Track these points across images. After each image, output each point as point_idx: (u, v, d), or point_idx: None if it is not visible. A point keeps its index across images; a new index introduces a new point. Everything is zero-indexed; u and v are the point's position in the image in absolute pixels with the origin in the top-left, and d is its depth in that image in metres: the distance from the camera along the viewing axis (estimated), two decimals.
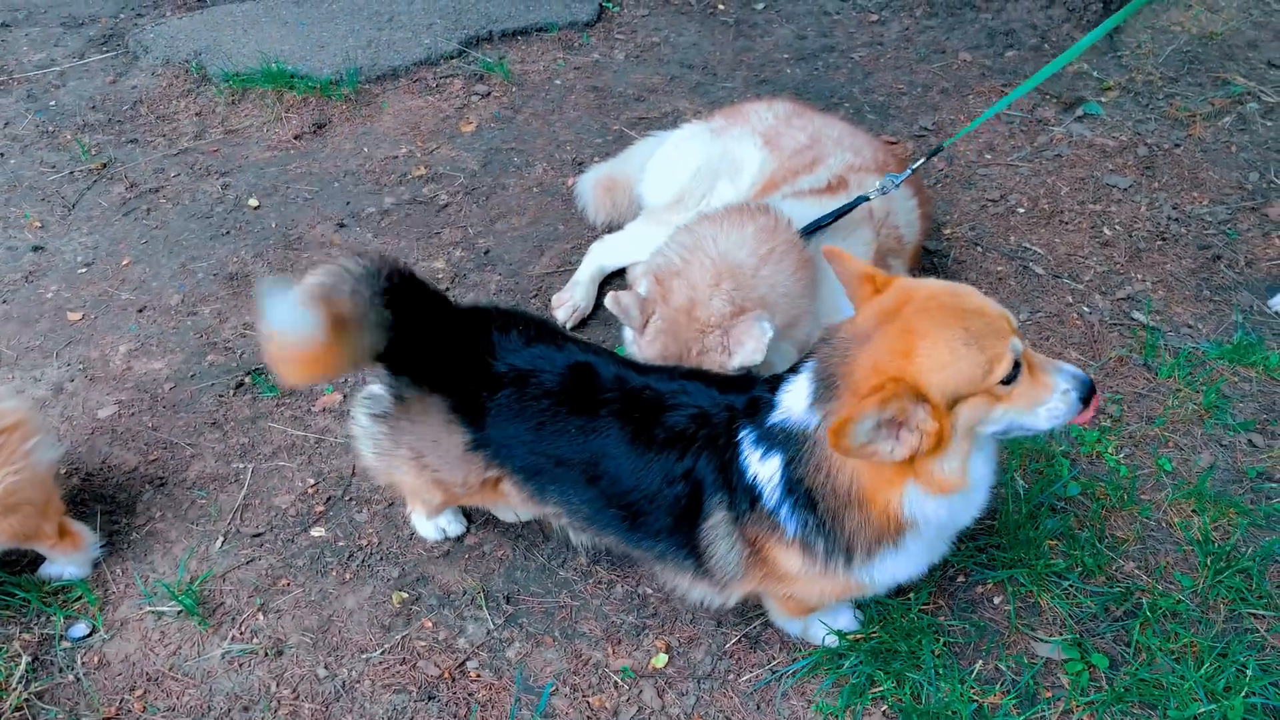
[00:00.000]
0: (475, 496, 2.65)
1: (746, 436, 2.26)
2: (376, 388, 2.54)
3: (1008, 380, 2.00)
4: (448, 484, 2.58)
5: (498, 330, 2.44)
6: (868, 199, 3.22)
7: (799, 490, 2.18)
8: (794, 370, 2.23)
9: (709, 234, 2.99)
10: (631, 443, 2.34)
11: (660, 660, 2.74)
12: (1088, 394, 2.10)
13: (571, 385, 2.40)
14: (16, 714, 2.57)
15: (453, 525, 3.04)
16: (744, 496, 2.27)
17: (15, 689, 2.61)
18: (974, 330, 1.97)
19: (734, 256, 2.91)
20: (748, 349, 2.77)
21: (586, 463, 2.39)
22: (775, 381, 2.27)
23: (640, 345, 3.00)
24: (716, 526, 2.33)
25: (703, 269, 2.91)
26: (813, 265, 3.02)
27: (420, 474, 2.58)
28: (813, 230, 3.10)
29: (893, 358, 1.98)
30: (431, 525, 3.03)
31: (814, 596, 2.43)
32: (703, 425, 2.32)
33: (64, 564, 2.89)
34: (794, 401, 2.17)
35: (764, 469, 2.22)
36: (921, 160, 3.50)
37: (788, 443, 2.17)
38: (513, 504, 2.66)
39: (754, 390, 2.32)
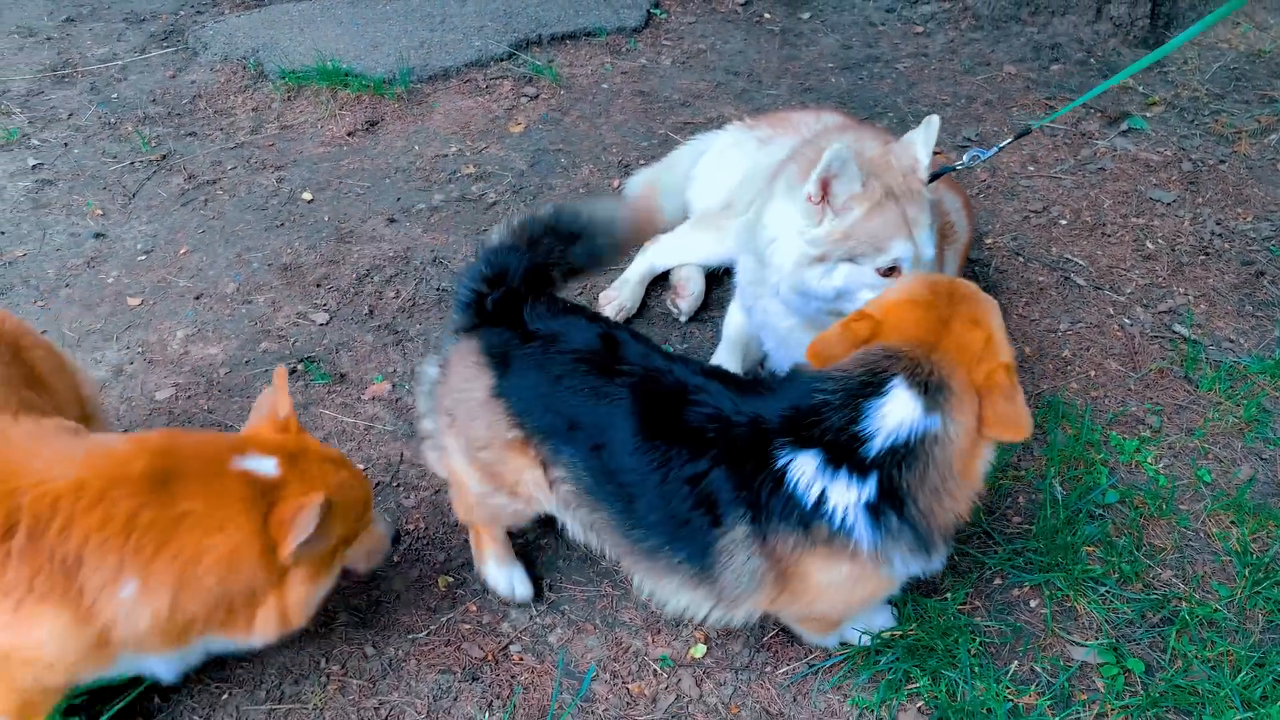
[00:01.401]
0: (506, 467, 2.50)
1: (799, 461, 2.23)
2: (429, 370, 2.63)
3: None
4: (475, 446, 2.50)
5: (530, 301, 2.50)
6: (954, 169, 3.30)
7: (894, 501, 2.21)
8: (865, 393, 2.22)
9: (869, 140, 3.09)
10: (642, 421, 2.32)
11: (699, 650, 2.79)
12: None
13: (595, 350, 2.42)
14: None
15: (521, 586, 2.89)
16: (786, 518, 2.24)
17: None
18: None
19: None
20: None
21: (594, 426, 2.36)
22: (831, 399, 2.24)
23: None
24: (734, 540, 2.28)
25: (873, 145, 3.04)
26: None
27: (457, 441, 2.53)
28: None
29: (980, 346, 2.23)
30: (504, 575, 2.89)
31: (844, 607, 2.44)
32: (722, 432, 2.30)
33: None
34: (899, 416, 2.18)
35: (844, 495, 2.20)
36: (1009, 140, 3.52)
37: (892, 459, 2.20)
38: (536, 474, 2.50)
39: (786, 405, 2.29)
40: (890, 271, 2.81)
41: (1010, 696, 2.62)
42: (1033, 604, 2.87)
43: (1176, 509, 3.11)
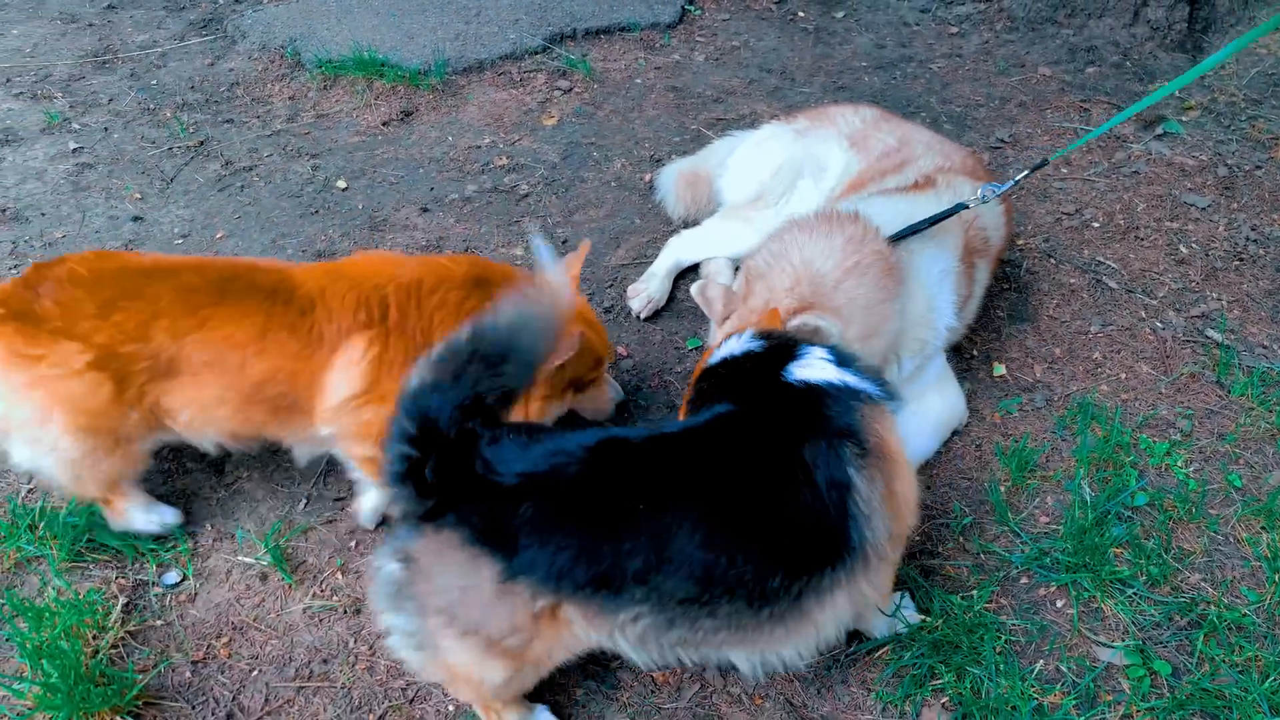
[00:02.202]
0: (539, 641, 2.17)
1: (799, 368, 2.31)
2: (388, 567, 2.14)
3: None
4: (496, 639, 2.13)
5: (486, 443, 2.07)
6: (966, 206, 3.26)
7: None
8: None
9: (796, 241, 3.05)
10: (703, 489, 2.12)
11: None
12: None
13: (603, 465, 2.12)
14: (113, 650, 2.72)
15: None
16: (848, 411, 2.25)
17: (113, 628, 2.75)
18: None
19: (817, 266, 2.94)
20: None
21: (652, 540, 2.06)
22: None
23: (717, 337, 3.08)
24: (863, 479, 2.20)
25: (783, 274, 2.96)
26: (899, 273, 3.06)
27: (464, 642, 2.14)
28: (906, 234, 3.14)
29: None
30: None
31: (914, 493, 2.42)
32: (799, 431, 2.21)
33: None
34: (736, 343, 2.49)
35: (824, 366, 2.33)
36: (1026, 173, 3.53)
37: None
38: (578, 632, 2.19)
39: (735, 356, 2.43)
40: None
41: (1035, 695, 2.62)
42: (1059, 604, 2.87)
43: (1206, 513, 3.10)
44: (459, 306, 2.78)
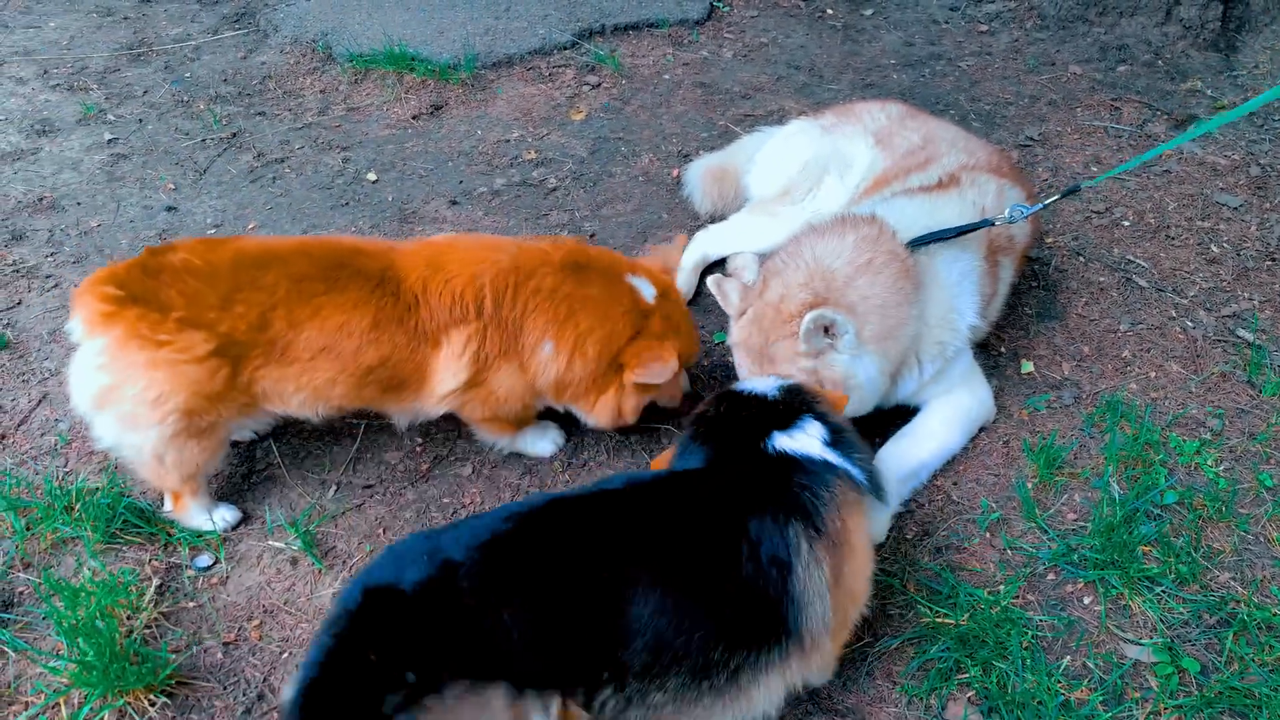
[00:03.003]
0: None
1: (785, 437, 2.34)
2: None
3: None
4: None
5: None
6: (992, 223, 3.25)
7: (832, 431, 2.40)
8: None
9: (810, 242, 3.08)
10: (669, 536, 2.13)
11: None
12: None
13: (559, 526, 2.12)
14: (147, 630, 2.76)
15: None
16: (813, 493, 2.25)
17: (146, 608, 2.80)
18: None
19: (829, 263, 2.97)
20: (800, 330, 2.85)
21: (631, 595, 2.03)
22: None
23: (733, 330, 3.11)
24: (799, 546, 2.19)
25: (797, 271, 2.99)
26: (916, 276, 3.06)
27: None
28: (929, 240, 3.13)
29: None
30: None
31: (865, 586, 2.42)
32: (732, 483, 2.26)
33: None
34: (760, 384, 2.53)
35: (806, 440, 2.36)
36: (1055, 197, 3.51)
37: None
38: None
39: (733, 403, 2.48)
40: None
41: (1061, 690, 2.62)
42: (1086, 600, 2.86)
43: (1236, 512, 3.08)
44: (553, 293, 2.91)
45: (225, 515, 3.08)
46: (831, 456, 2.34)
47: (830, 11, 6.38)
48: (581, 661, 2.00)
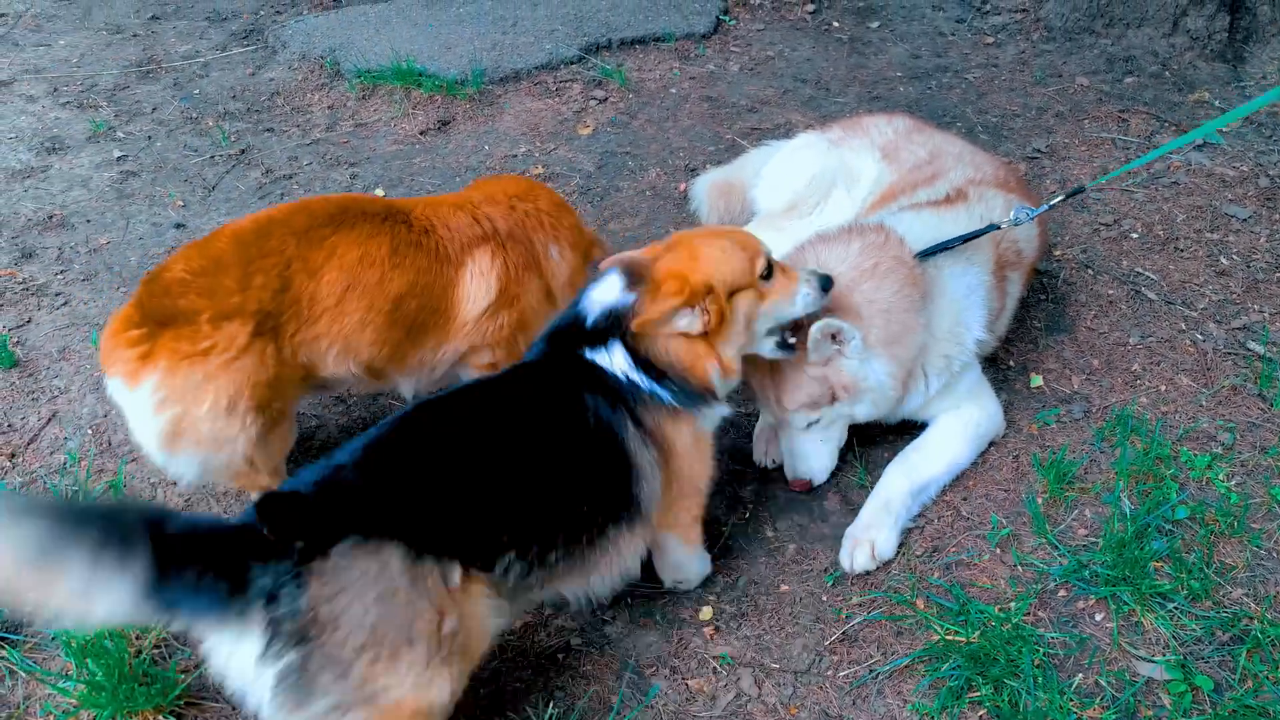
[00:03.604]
0: (467, 617, 2.15)
1: (588, 350, 2.53)
2: (277, 666, 1.92)
3: (767, 276, 2.66)
4: (429, 637, 2.05)
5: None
6: (998, 227, 3.25)
7: (645, 361, 2.52)
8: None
9: (814, 249, 3.09)
10: (526, 420, 2.39)
11: (707, 613, 2.91)
12: (827, 283, 2.79)
13: (429, 422, 2.33)
14: (156, 650, 2.75)
15: None
16: (621, 392, 2.49)
17: (155, 628, 2.79)
18: (736, 240, 2.65)
19: (833, 269, 2.97)
20: (810, 342, 2.86)
21: (507, 467, 2.27)
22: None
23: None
24: (632, 437, 2.48)
25: None
26: (924, 282, 3.05)
27: (400, 664, 2.01)
28: (936, 250, 3.13)
29: (685, 261, 2.55)
30: None
31: (701, 471, 2.70)
32: (570, 363, 2.52)
33: None
34: (606, 293, 2.57)
35: (616, 358, 2.52)
36: (1059, 198, 3.51)
37: (618, 324, 2.52)
38: (491, 601, 2.23)
39: (561, 322, 2.63)
40: None
41: (1074, 709, 2.59)
42: (1098, 617, 2.84)
43: (1249, 527, 3.06)
44: (540, 212, 3.20)
45: None
46: (636, 377, 2.51)
47: (836, 24, 6.39)
48: (477, 530, 2.18)
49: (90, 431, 3.47)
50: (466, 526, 2.17)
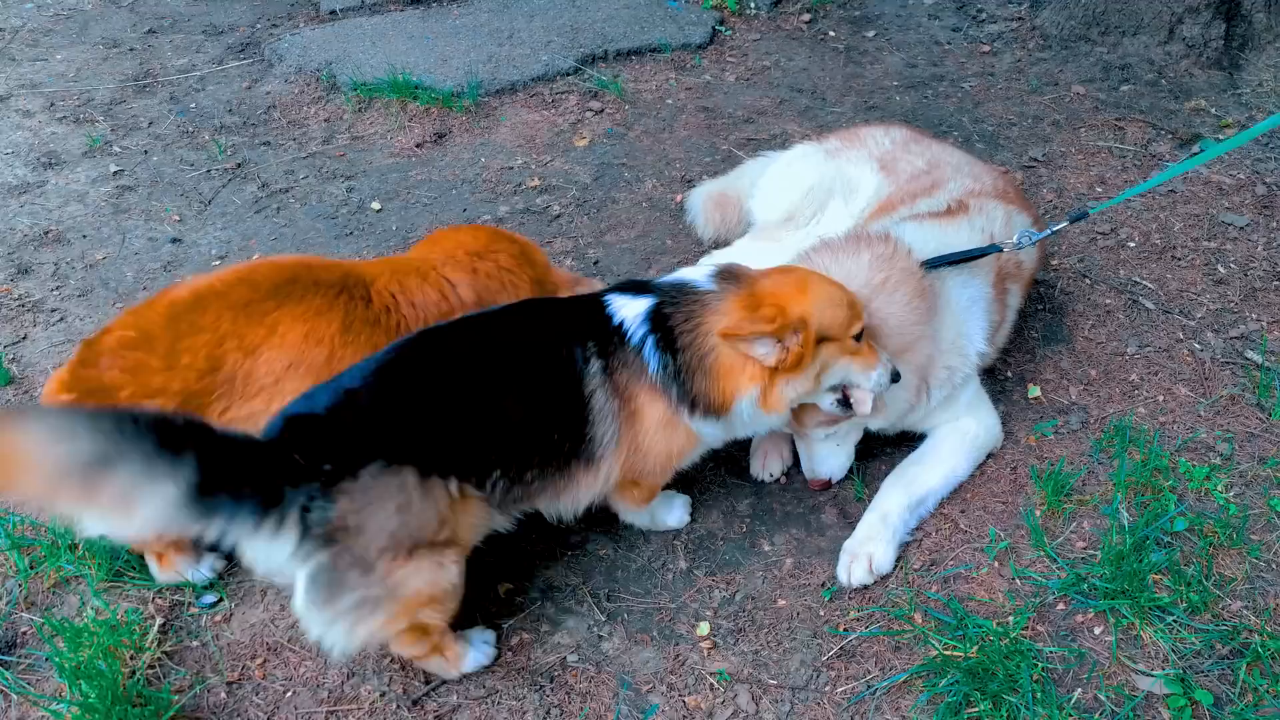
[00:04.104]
0: (465, 518, 2.50)
1: (614, 294, 2.71)
2: (311, 565, 2.25)
3: (858, 339, 2.71)
4: (438, 536, 2.40)
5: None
6: (1000, 249, 3.25)
7: (662, 330, 2.62)
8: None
9: (824, 263, 3.06)
10: (521, 352, 2.60)
11: (703, 629, 2.90)
12: (896, 377, 2.83)
13: (434, 353, 2.57)
14: (150, 670, 2.74)
15: (488, 634, 2.85)
16: (613, 338, 2.63)
17: (150, 648, 2.78)
18: (847, 295, 2.71)
19: (844, 283, 2.96)
20: (866, 396, 2.88)
21: (497, 397, 2.53)
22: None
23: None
24: (594, 376, 2.61)
25: None
26: (931, 293, 3.05)
27: (415, 560, 2.36)
28: (938, 264, 3.13)
29: (792, 290, 2.62)
30: (479, 649, 2.79)
31: (663, 458, 2.78)
32: (574, 304, 2.78)
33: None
34: (693, 271, 2.76)
35: (631, 307, 2.64)
36: (1063, 224, 3.51)
37: (670, 291, 2.66)
38: (482, 512, 2.57)
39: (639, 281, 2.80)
40: None
41: None
42: (1097, 631, 2.83)
43: (1248, 539, 3.05)
44: (504, 270, 3.14)
45: (214, 564, 2.99)
46: (639, 332, 2.63)
47: (832, 34, 6.39)
48: (473, 453, 2.48)
49: None
50: (464, 450, 2.46)
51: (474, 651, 2.76)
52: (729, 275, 2.70)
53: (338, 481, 2.24)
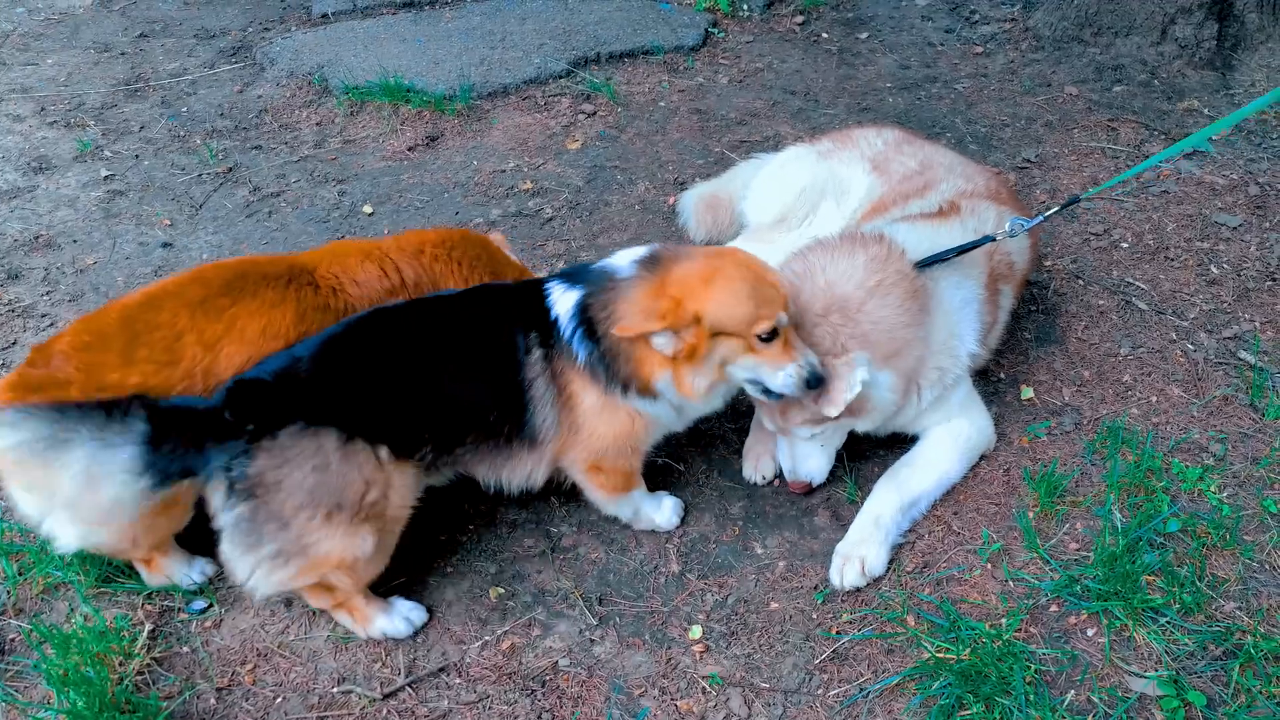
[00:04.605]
0: (391, 490, 2.62)
1: (554, 282, 2.78)
2: (233, 512, 2.43)
3: (766, 339, 2.65)
4: (356, 503, 2.51)
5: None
6: (993, 239, 3.24)
7: (586, 321, 2.68)
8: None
9: (820, 262, 3.05)
10: (460, 334, 2.71)
11: (695, 632, 2.89)
12: (815, 381, 2.76)
13: (378, 328, 2.69)
14: (139, 677, 2.73)
15: (416, 612, 2.91)
16: (551, 331, 2.72)
17: (139, 654, 2.76)
18: (759, 292, 2.62)
19: (841, 288, 2.96)
20: (838, 396, 2.84)
21: (433, 374, 2.66)
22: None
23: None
24: (535, 364, 2.71)
25: (813, 298, 2.96)
26: (924, 295, 3.04)
27: (330, 524, 2.49)
28: (931, 262, 3.12)
29: (696, 281, 2.62)
30: (396, 619, 2.86)
31: (610, 439, 2.83)
32: (517, 291, 2.84)
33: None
34: (622, 257, 2.76)
35: (564, 300, 2.71)
36: (1055, 210, 3.51)
37: (594, 280, 2.71)
38: (412, 479, 2.71)
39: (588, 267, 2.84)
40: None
41: None
42: (1090, 632, 2.82)
43: (1241, 539, 3.04)
44: (451, 259, 3.13)
45: (204, 568, 2.98)
46: (567, 326, 2.70)
47: (825, 36, 6.39)
48: (403, 426, 2.61)
49: None
50: (395, 422, 2.60)
51: (386, 619, 2.85)
52: (651, 261, 2.71)
53: (259, 439, 2.40)
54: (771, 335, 2.67)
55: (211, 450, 2.38)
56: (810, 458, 3.19)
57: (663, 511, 3.16)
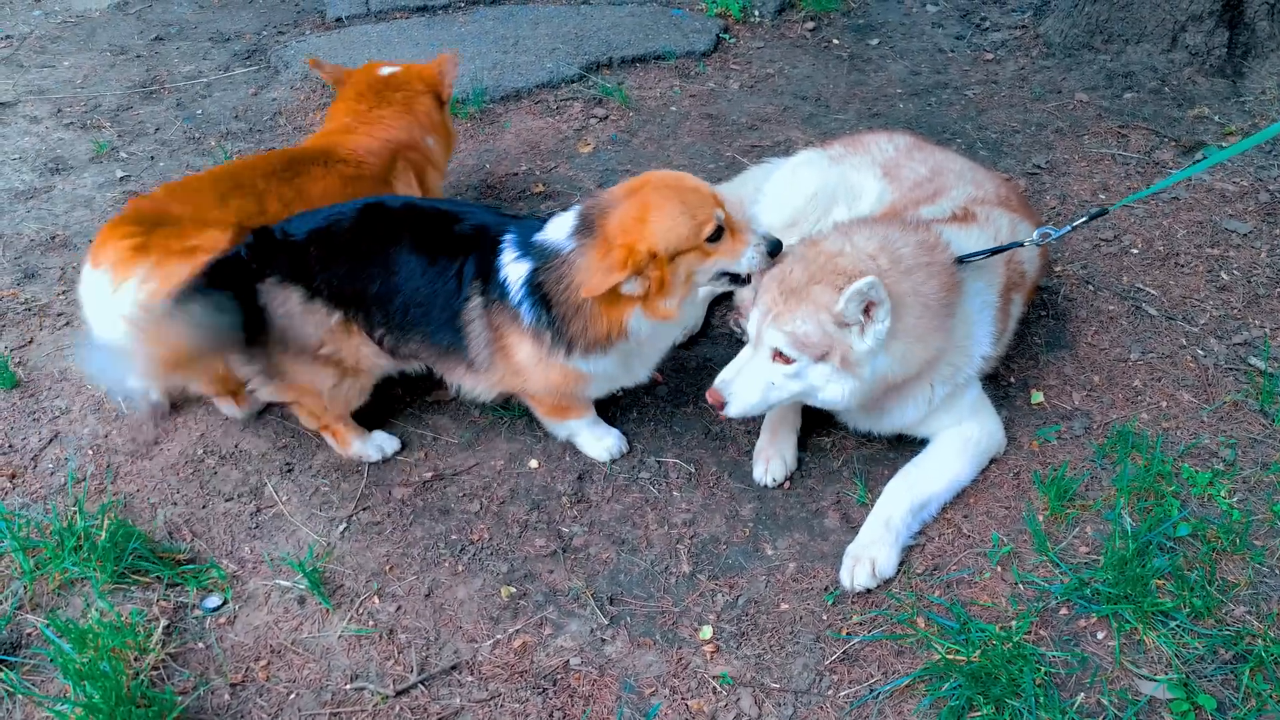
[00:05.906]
0: (345, 349, 3.13)
1: (508, 242, 3.01)
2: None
3: (714, 239, 2.86)
4: (315, 349, 3.07)
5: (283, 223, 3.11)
6: (1022, 244, 3.28)
7: (539, 292, 2.93)
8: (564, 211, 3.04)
9: (879, 227, 3.13)
10: (421, 251, 3.04)
11: (706, 633, 2.89)
12: (775, 248, 2.97)
13: (366, 220, 3.08)
14: (154, 672, 2.75)
15: (388, 442, 3.47)
16: (495, 288, 3.00)
17: (154, 650, 2.79)
18: (689, 203, 2.84)
19: (899, 248, 3.01)
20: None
21: (391, 273, 3.03)
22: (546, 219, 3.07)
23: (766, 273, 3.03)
24: (473, 309, 3.03)
25: (870, 240, 3.02)
26: (958, 290, 3.08)
27: (298, 360, 3.09)
28: (966, 260, 3.15)
29: (634, 223, 2.81)
30: (368, 443, 3.43)
31: (544, 386, 3.15)
32: (481, 234, 3.06)
33: None
34: (557, 230, 2.95)
35: (514, 270, 2.96)
36: (1083, 220, 3.53)
37: (541, 255, 2.93)
38: (368, 348, 3.18)
39: (526, 217, 3.17)
40: None
41: None
42: (1100, 635, 2.83)
43: (1251, 544, 3.05)
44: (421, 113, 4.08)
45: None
46: (516, 292, 2.97)
47: (836, 41, 6.41)
48: (356, 298, 3.06)
49: (91, 452, 3.47)
50: (349, 297, 3.06)
51: (361, 444, 3.41)
52: (584, 225, 2.91)
53: (262, 278, 3.00)
54: (718, 234, 2.88)
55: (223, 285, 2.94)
56: (749, 385, 3.00)
57: (600, 444, 3.44)
